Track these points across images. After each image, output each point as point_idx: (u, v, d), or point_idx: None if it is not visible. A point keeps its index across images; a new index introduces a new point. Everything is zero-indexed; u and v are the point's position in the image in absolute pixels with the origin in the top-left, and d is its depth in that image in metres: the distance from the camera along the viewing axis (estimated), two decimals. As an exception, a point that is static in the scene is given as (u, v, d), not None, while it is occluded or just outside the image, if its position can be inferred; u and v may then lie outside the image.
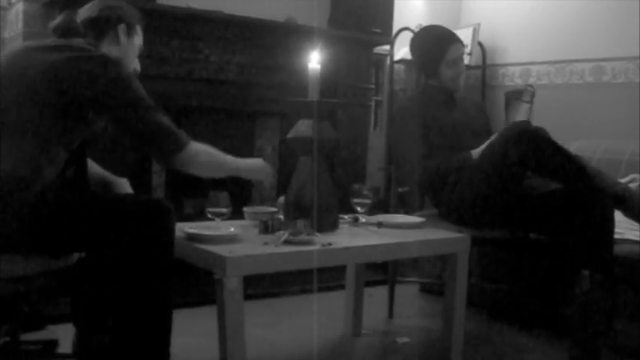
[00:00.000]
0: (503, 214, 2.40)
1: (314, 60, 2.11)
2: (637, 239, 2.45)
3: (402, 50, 4.04)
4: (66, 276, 1.78)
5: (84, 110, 1.74)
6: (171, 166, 1.85)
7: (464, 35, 3.80)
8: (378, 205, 3.30)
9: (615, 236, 2.24)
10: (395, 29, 3.84)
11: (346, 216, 2.31)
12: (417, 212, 2.75)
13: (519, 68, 4.23)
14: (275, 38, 3.42)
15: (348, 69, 3.69)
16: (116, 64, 1.76)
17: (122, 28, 1.92)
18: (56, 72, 1.70)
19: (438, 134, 2.62)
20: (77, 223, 1.67)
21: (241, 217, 2.23)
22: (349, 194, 2.33)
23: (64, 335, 2.17)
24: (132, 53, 1.97)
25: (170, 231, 1.72)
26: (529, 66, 4.17)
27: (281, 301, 3.07)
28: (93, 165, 2.01)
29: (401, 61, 4.19)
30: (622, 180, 2.39)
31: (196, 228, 1.97)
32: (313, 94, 2.13)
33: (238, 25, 3.30)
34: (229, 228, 1.99)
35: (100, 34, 1.90)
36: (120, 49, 1.91)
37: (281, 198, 2.24)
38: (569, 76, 3.97)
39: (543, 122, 2.45)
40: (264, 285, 3.10)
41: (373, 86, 4.01)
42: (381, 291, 3.03)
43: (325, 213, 2.11)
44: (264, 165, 2.14)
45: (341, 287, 2.76)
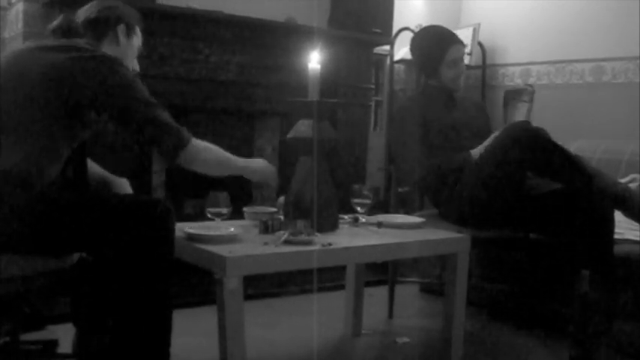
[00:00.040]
0: (503, 214, 2.40)
1: (314, 60, 2.11)
2: (637, 239, 2.45)
3: (402, 50, 4.04)
4: (66, 276, 1.78)
5: (87, 109, 1.75)
6: (174, 163, 1.86)
7: (464, 35, 3.80)
8: (378, 205, 3.30)
9: (615, 236, 2.24)
10: (395, 29, 3.84)
11: (346, 216, 2.31)
12: (417, 212, 2.75)
13: (519, 68, 4.23)
14: (275, 38, 3.42)
15: (348, 69, 3.69)
16: (118, 64, 1.78)
17: (121, 29, 1.93)
18: (59, 72, 1.71)
19: (438, 134, 2.62)
20: (77, 223, 1.67)
21: (241, 217, 2.23)
22: (349, 194, 2.33)
23: (64, 335, 2.17)
24: (131, 54, 1.98)
25: (170, 231, 1.72)
26: (529, 66, 4.17)
27: (281, 301, 3.06)
28: (93, 165, 2.02)
29: (401, 61, 4.19)
30: (622, 180, 2.40)
31: (196, 228, 1.97)
32: (313, 94, 2.13)
33: (238, 25, 3.30)
34: (229, 228, 1.99)
35: (100, 35, 1.91)
36: (119, 50, 1.92)
37: (281, 198, 2.24)
38: (569, 76, 3.97)
39: (543, 122, 2.45)
40: (264, 285, 3.10)
41: (373, 86, 4.00)
42: (381, 291, 3.03)
43: (325, 213, 2.11)
44: (267, 165, 2.15)
45: (341, 287, 2.76)
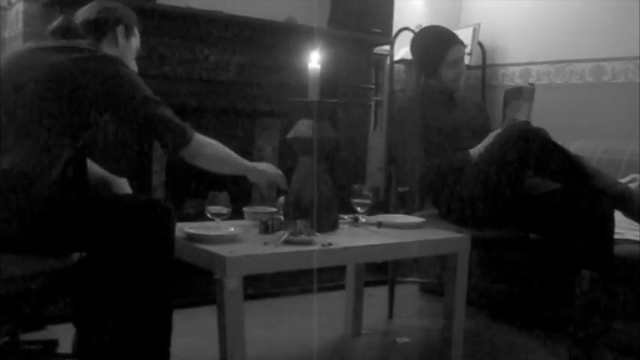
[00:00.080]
0: (503, 214, 2.40)
1: (314, 60, 2.11)
2: (637, 239, 2.45)
3: (402, 50, 4.04)
4: (66, 276, 1.78)
5: (89, 109, 1.77)
6: (178, 159, 1.89)
7: (464, 35, 3.80)
8: (378, 205, 3.30)
9: (615, 236, 2.24)
10: (395, 29, 3.84)
11: (346, 216, 2.31)
12: (417, 212, 2.75)
13: (519, 68, 4.23)
14: (275, 38, 3.42)
15: (348, 69, 3.69)
16: (120, 63, 1.80)
17: (120, 30, 1.94)
18: (61, 72, 1.72)
19: (438, 134, 2.62)
20: (77, 223, 1.67)
21: (241, 217, 2.23)
22: (349, 194, 2.33)
23: (64, 335, 2.16)
24: (130, 54, 1.99)
25: (170, 231, 1.73)
26: (529, 66, 4.17)
27: (281, 301, 3.06)
28: (92, 165, 2.02)
29: (401, 61, 4.19)
30: (622, 180, 2.40)
31: (196, 228, 1.97)
32: (313, 94, 2.13)
33: (238, 25, 3.30)
34: (229, 228, 1.99)
35: (99, 36, 1.92)
36: (118, 51, 1.93)
37: (281, 198, 2.24)
38: (569, 76, 3.97)
39: (543, 122, 2.45)
40: (264, 285, 3.10)
41: (373, 86, 4.00)
42: (381, 291, 3.03)
43: (325, 213, 2.11)
44: (274, 168, 2.16)
45: (341, 287, 2.76)
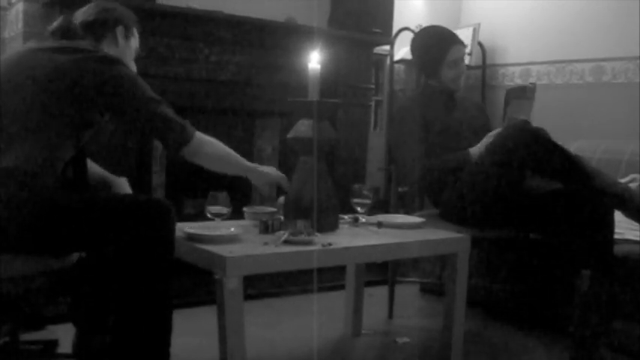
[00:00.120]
0: (503, 214, 2.40)
1: (314, 60, 2.11)
2: (637, 239, 2.45)
3: (402, 50, 4.04)
4: (66, 276, 1.78)
5: (91, 108, 1.78)
6: (179, 158, 1.89)
7: (464, 35, 3.80)
8: (378, 205, 3.30)
9: (615, 236, 2.24)
10: (395, 29, 3.84)
11: (346, 216, 2.31)
12: (417, 212, 2.75)
13: (519, 68, 4.23)
14: (275, 38, 3.42)
15: (348, 69, 3.69)
16: (121, 64, 1.81)
17: (120, 31, 1.95)
18: (63, 73, 1.72)
19: (438, 134, 2.62)
20: (77, 223, 1.67)
21: (241, 217, 2.23)
22: (349, 194, 2.33)
23: (64, 335, 2.16)
24: (129, 55, 1.99)
25: (170, 231, 1.72)
26: (529, 66, 4.17)
27: (281, 301, 3.06)
28: (92, 165, 2.02)
29: (401, 61, 4.19)
30: (622, 180, 2.40)
31: (196, 228, 1.97)
32: (313, 94, 2.13)
33: (238, 25, 3.30)
34: (229, 228, 1.99)
35: (99, 37, 1.92)
36: (118, 51, 1.93)
37: (281, 198, 2.24)
38: (569, 76, 3.97)
39: (543, 122, 2.45)
40: (264, 285, 3.10)
41: (373, 86, 4.00)
42: (381, 291, 3.03)
43: (325, 213, 2.11)
44: (273, 169, 2.17)
45: (341, 287, 2.76)
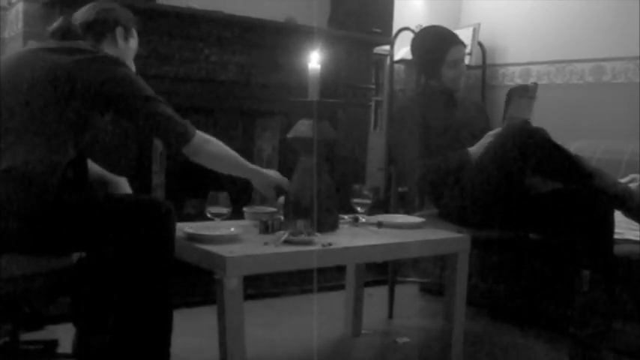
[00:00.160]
0: (503, 214, 2.40)
1: (314, 60, 2.11)
2: (637, 239, 2.46)
3: (402, 50, 4.04)
4: (66, 276, 1.78)
5: (93, 109, 1.78)
6: (181, 156, 1.89)
7: (464, 35, 3.80)
8: (378, 205, 3.30)
9: (615, 236, 2.24)
10: (395, 29, 3.84)
11: (346, 216, 2.31)
12: (417, 212, 2.75)
13: (519, 68, 4.23)
14: (275, 38, 3.42)
15: (348, 69, 3.69)
16: (122, 65, 1.82)
17: (119, 31, 1.95)
18: (65, 74, 1.73)
19: (438, 134, 2.62)
20: (77, 223, 1.67)
21: (241, 217, 2.23)
22: (349, 194, 2.33)
23: (64, 335, 2.16)
24: (129, 55, 2.00)
25: (170, 231, 1.73)
26: (529, 66, 4.17)
27: (281, 301, 3.06)
28: (92, 165, 2.02)
29: (401, 61, 4.19)
30: (622, 180, 2.40)
31: (196, 228, 1.97)
32: (313, 94, 2.13)
33: (238, 25, 3.30)
34: (229, 228, 1.99)
35: (99, 37, 1.93)
36: (118, 52, 1.93)
37: (281, 198, 2.24)
38: (569, 76, 3.97)
39: (543, 122, 2.45)
40: (264, 285, 3.10)
41: (373, 86, 4.00)
42: (381, 291, 3.03)
43: (325, 213, 2.11)
44: (276, 172, 2.17)
45: (341, 287, 2.76)
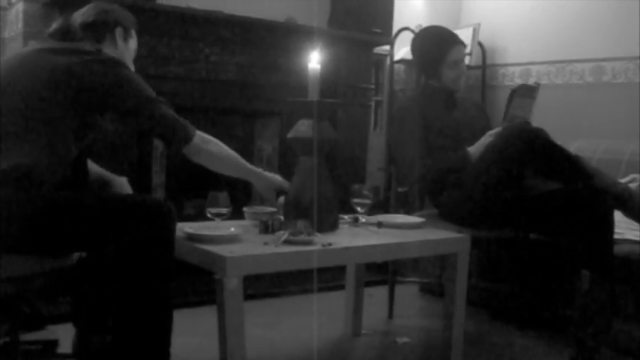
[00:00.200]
0: (503, 214, 2.40)
1: (314, 60, 2.11)
2: (637, 239, 2.45)
3: (402, 50, 4.04)
4: (66, 276, 1.78)
5: (95, 110, 1.79)
6: (181, 156, 1.90)
7: (464, 35, 3.80)
8: (378, 205, 3.30)
9: (615, 236, 2.24)
10: (395, 29, 3.84)
11: (346, 216, 2.31)
12: (417, 212, 2.75)
13: (519, 68, 4.23)
14: (275, 38, 3.42)
15: (348, 69, 3.69)
16: (123, 66, 1.82)
17: (119, 32, 1.96)
18: (67, 75, 1.73)
19: (438, 134, 2.62)
20: (77, 223, 1.67)
21: (241, 217, 2.23)
22: (349, 194, 2.33)
23: (64, 335, 2.16)
24: (128, 56, 2.00)
25: (171, 231, 1.72)
26: (529, 66, 4.17)
27: (281, 301, 3.06)
28: (92, 165, 2.02)
29: (401, 61, 4.19)
30: (622, 180, 2.39)
31: (196, 228, 1.97)
32: (313, 94, 2.13)
33: (238, 25, 3.30)
34: (229, 228, 1.99)
35: (98, 38, 1.93)
36: (117, 52, 1.94)
37: (281, 198, 2.24)
38: (569, 76, 3.97)
39: (543, 122, 2.45)
40: (264, 285, 3.10)
41: (373, 86, 4.00)
42: (381, 291, 3.03)
43: (325, 213, 2.11)
44: (275, 175, 2.18)
45: (341, 287, 2.76)
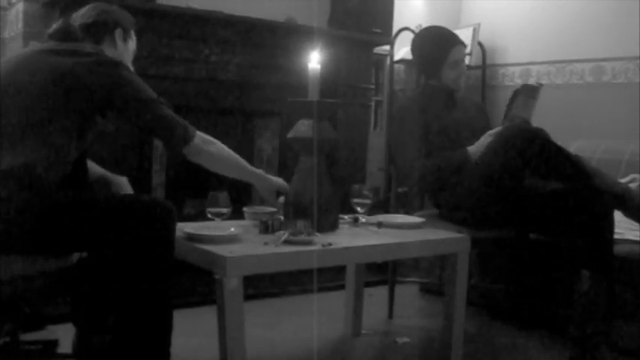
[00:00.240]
0: (503, 214, 2.40)
1: (314, 60, 2.11)
2: (637, 239, 2.46)
3: (402, 50, 4.04)
4: (66, 276, 1.78)
5: (96, 111, 1.79)
6: (181, 157, 1.89)
7: (464, 35, 3.80)
8: (378, 205, 3.30)
9: (615, 236, 2.24)
10: (395, 29, 3.83)
11: (346, 216, 2.31)
12: (417, 212, 2.75)
13: (519, 68, 4.23)
14: (275, 38, 3.42)
15: (348, 69, 3.69)
16: (124, 67, 1.82)
17: (119, 33, 1.96)
18: (69, 76, 1.73)
19: (438, 134, 2.62)
20: (78, 223, 1.67)
21: (241, 217, 2.23)
22: (349, 194, 2.33)
23: (64, 335, 2.16)
24: (127, 57, 2.00)
25: (171, 231, 1.72)
26: (529, 66, 4.17)
27: (281, 301, 3.06)
28: (92, 164, 2.03)
29: (401, 61, 4.19)
30: (622, 180, 2.40)
31: (196, 228, 1.97)
32: (313, 94, 2.13)
33: (238, 25, 3.30)
34: (229, 228, 1.99)
35: (98, 39, 1.93)
36: (117, 53, 1.94)
37: (281, 198, 2.24)
38: (569, 76, 3.97)
39: (543, 122, 2.45)
40: (264, 285, 3.10)
41: (373, 86, 4.00)
42: (381, 291, 3.03)
43: (325, 213, 2.11)
44: (276, 178, 2.17)
45: (341, 287, 2.76)
